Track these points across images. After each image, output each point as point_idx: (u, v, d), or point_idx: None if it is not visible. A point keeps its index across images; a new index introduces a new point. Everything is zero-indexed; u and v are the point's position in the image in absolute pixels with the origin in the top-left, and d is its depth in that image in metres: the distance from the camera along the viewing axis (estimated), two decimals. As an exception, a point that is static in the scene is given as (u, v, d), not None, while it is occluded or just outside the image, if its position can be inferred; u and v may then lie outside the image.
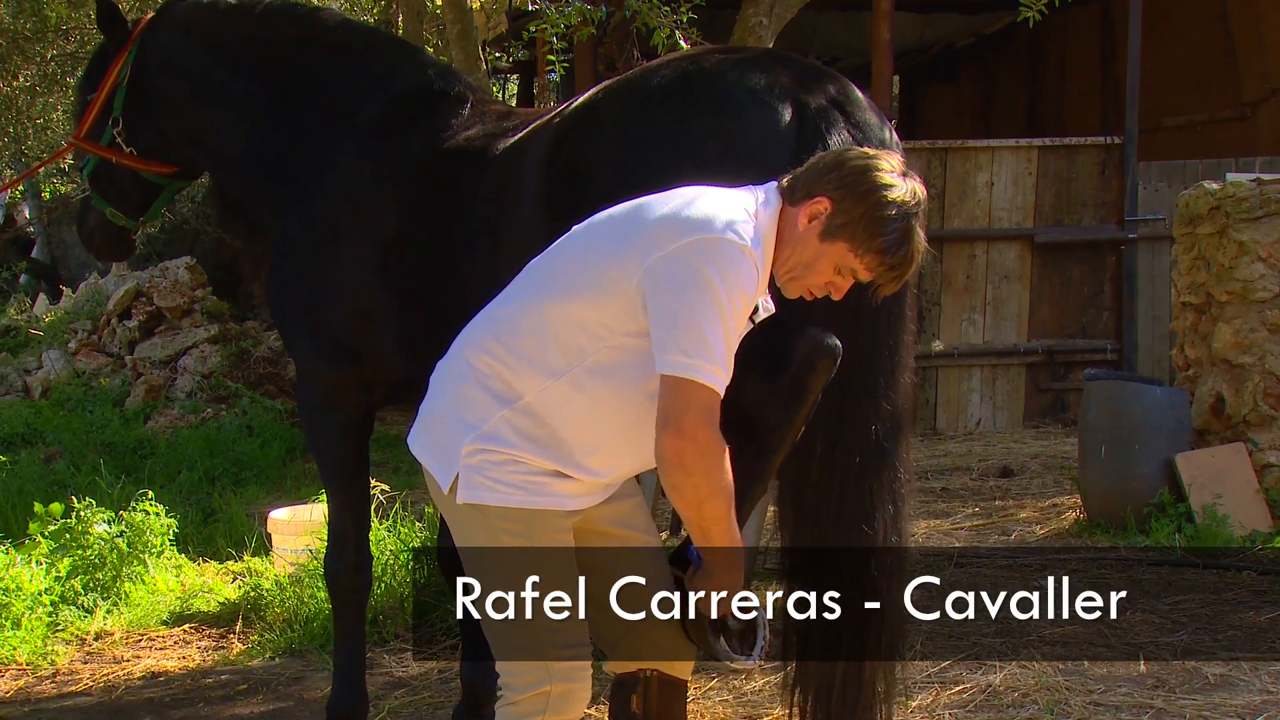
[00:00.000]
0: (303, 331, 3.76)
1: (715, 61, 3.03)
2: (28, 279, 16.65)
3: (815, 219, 2.45)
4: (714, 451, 2.38)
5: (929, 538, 6.27)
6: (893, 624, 2.92)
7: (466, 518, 2.52)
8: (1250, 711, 3.90)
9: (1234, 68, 11.30)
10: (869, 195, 2.42)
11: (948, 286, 9.35)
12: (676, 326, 2.35)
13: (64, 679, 4.70)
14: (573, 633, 2.55)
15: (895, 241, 2.42)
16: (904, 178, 2.45)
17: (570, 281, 2.48)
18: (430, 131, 3.58)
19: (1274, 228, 6.13)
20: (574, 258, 2.52)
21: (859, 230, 2.42)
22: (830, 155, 2.53)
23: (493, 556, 2.51)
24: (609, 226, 2.52)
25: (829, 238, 2.45)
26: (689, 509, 2.42)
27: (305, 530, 5.43)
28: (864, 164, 2.45)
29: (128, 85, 4.03)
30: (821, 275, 2.49)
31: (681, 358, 2.34)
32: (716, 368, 2.36)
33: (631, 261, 2.41)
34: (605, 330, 2.44)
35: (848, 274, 2.49)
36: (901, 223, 2.42)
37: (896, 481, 2.90)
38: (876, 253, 2.43)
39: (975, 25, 13.91)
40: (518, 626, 2.52)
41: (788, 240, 2.48)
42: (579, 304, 2.45)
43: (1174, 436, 6.09)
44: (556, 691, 2.52)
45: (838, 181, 2.44)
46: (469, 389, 2.51)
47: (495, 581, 2.53)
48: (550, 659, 2.52)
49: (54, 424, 9.02)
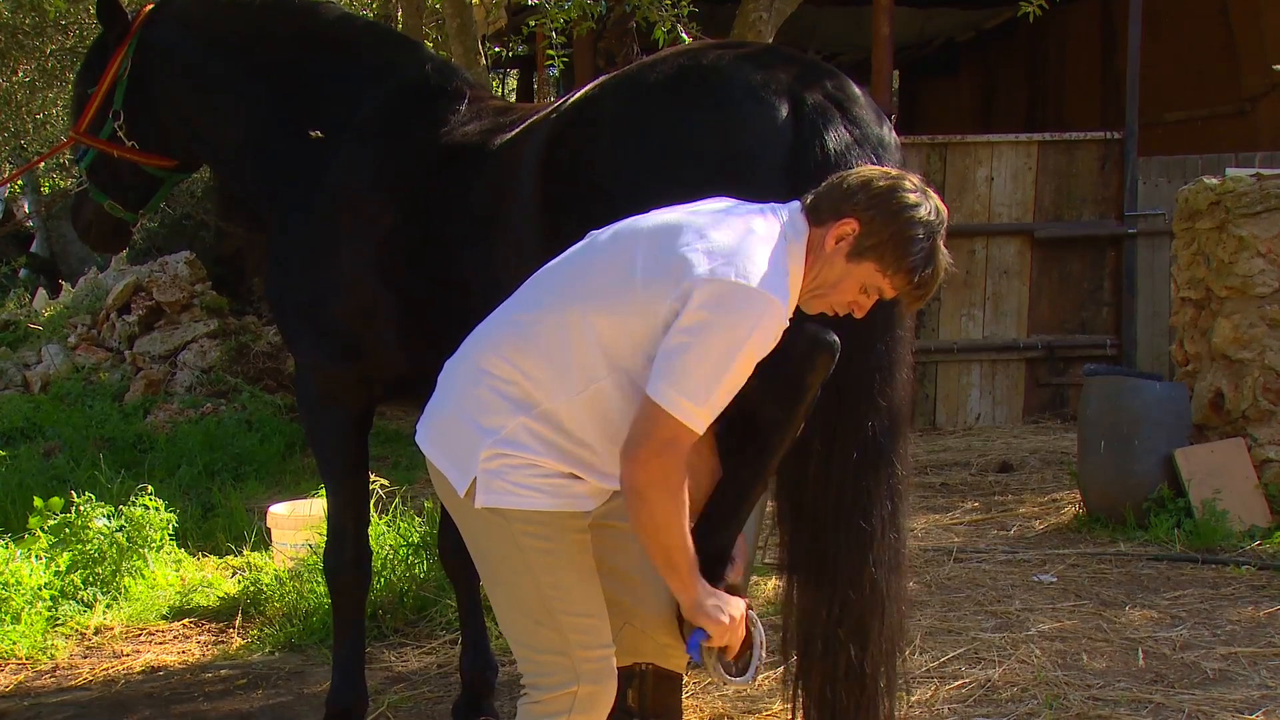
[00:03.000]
0: (302, 327, 3.75)
1: (713, 57, 3.02)
2: (27, 273, 16.65)
3: (843, 240, 2.46)
4: (664, 483, 2.37)
5: (928, 532, 6.28)
6: (892, 619, 2.92)
7: (485, 522, 2.50)
8: (1249, 706, 3.90)
9: (1234, 63, 11.30)
10: (897, 216, 2.43)
11: (947, 282, 9.23)
12: (682, 363, 2.34)
13: (64, 673, 4.71)
14: (599, 633, 2.55)
15: (922, 261, 2.44)
16: (926, 196, 2.47)
17: (595, 295, 2.45)
18: (429, 127, 3.57)
19: (1273, 223, 6.13)
20: (600, 270, 2.49)
21: (888, 251, 2.43)
22: (854, 176, 2.52)
23: (516, 560, 2.49)
24: (636, 243, 2.48)
25: (857, 258, 2.46)
26: (644, 535, 2.43)
27: (305, 525, 5.43)
28: (889, 184, 2.46)
29: (128, 79, 4.03)
30: (846, 294, 2.50)
31: (668, 388, 2.34)
32: (701, 410, 2.35)
33: (661, 289, 2.38)
34: (619, 352, 2.43)
35: (873, 293, 2.50)
36: (928, 242, 2.44)
37: (894, 478, 2.90)
38: (905, 272, 2.45)
39: (975, 20, 13.90)
40: (545, 629, 2.51)
41: (814, 262, 2.48)
42: (602, 319, 2.43)
43: (1173, 432, 6.09)
44: (584, 693, 2.52)
45: (866, 203, 2.45)
46: (482, 392, 2.49)
47: (520, 585, 2.51)
48: (578, 659, 2.51)
49: (53, 419, 9.02)
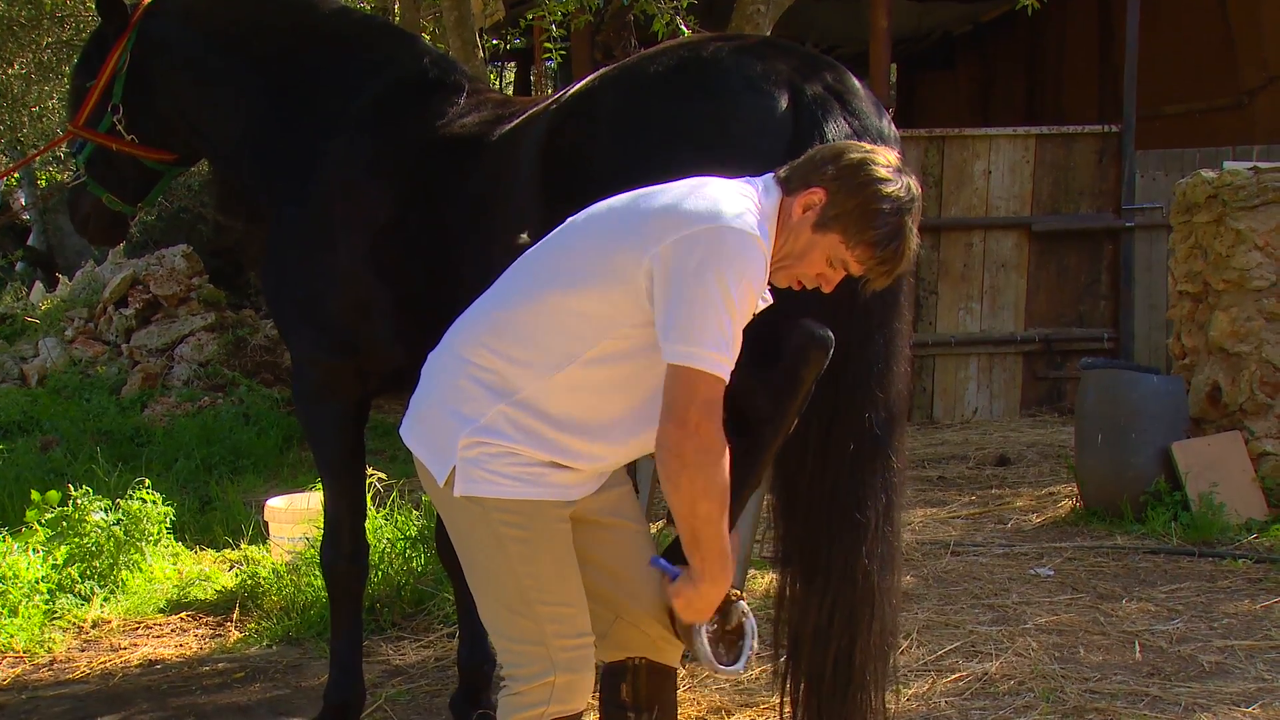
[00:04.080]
0: (299, 321, 3.75)
1: (713, 49, 3.02)
2: (24, 266, 16.65)
3: (810, 209, 2.46)
4: (714, 448, 2.36)
5: (926, 526, 6.28)
6: (884, 613, 2.92)
7: (464, 510, 2.51)
8: (1245, 699, 3.90)
9: (1232, 56, 11.29)
10: (863, 188, 2.42)
11: (945, 275, 9.35)
12: (682, 314, 2.33)
13: (61, 667, 4.71)
14: (576, 622, 2.55)
15: (887, 235, 2.43)
16: (899, 173, 2.46)
17: (572, 273, 2.46)
18: (426, 120, 3.57)
19: (1271, 216, 6.13)
20: (575, 249, 2.49)
21: (851, 222, 2.43)
22: (828, 148, 2.53)
23: (494, 549, 2.50)
24: (610, 217, 2.50)
25: (822, 228, 2.45)
26: (682, 504, 2.40)
27: (302, 518, 5.43)
28: (860, 157, 2.46)
29: (128, 72, 4.02)
30: (813, 266, 2.50)
31: (686, 347, 2.33)
32: (722, 355, 2.34)
33: (637, 251, 2.39)
34: (609, 322, 2.43)
35: (839, 266, 2.49)
36: (895, 217, 2.43)
37: (890, 471, 2.89)
38: (867, 245, 2.44)
39: (973, 13, 13.90)
40: (522, 618, 2.52)
41: (783, 229, 2.48)
42: (582, 295, 2.43)
43: (1170, 425, 6.09)
44: (561, 682, 2.52)
45: (834, 173, 2.45)
46: (463, 382, 2.49)
47: (497, 574, 2.52)
48: (554, 649, 2.51)
49: (50, 412, 9.02)
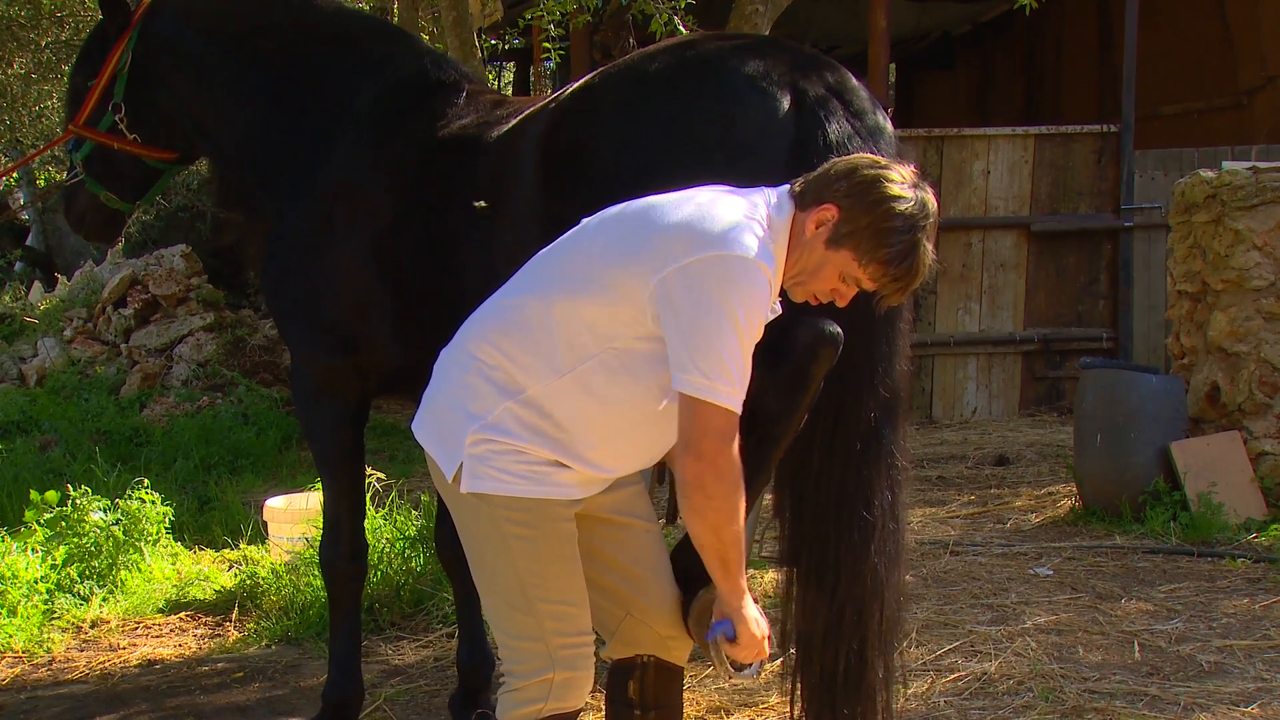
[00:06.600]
0: (298, 320, 3.75)
1: (714, 48, 3.02)
2: (23, 266, 16.64)
3: (822, 225, 2.45)
4: (731, 476, 2.40)
5: (925, 526, 6.28)
6: (891, 610, 2.92)
7: (470, 506, 2.52)
8: (1244, 699, 3.90)
9: (1230, 56, 11.30)
10: (876, 206, 2.41)
11: (944, 275, 9.35)
12: (694, 346, 2.34)
13: (60, 667, 4.70)
14: (577, 621, 2.56)
15: (900, 253, 2.41)
16: (914, 189, 2.43)
17: (579, 280, 2.46)
18: (425, 119, 3.56)
19: (1269, 216, 6.14)
20: (584, 255, 2.50)
21: (864, 240, 2.41)
22: (843, 163, 2.50)
23: (498, 545, 2.51)
24: (621, 227, 2.49)
25: (835, 245, 2.44)
26: (707, 533, 2.43)
27: (301, 518, 5.43)
28: (874, 174, 2.44)
29: (129, 71, 4.01)
30: (826, 282, 2.49)
31: (700, 379, 2.34)
32: (733, 388, 2.36)
33: (644, 270, 2.39)
34: (612, 333, 2.44)
35: (852, 283, 2.48)
36: (908, 235, 2.41)
37: (894, 468, 2.90)
38: (880, 263, 2.42)
39: (972, 13, 13.90)
40: (522, 615, 2.53)
41: (796, 245, 2.48)
42: (587, 304, 2.44)
43: (1169, 425, 6.09)
44: (559, 679, 2.53)
45: (847, 189, 2.43)
46: (472, 378, 2.50)
47: (500, 570, 2.53)
48: (554, 646, 2.52)
49: (49, 412, 9.01)
